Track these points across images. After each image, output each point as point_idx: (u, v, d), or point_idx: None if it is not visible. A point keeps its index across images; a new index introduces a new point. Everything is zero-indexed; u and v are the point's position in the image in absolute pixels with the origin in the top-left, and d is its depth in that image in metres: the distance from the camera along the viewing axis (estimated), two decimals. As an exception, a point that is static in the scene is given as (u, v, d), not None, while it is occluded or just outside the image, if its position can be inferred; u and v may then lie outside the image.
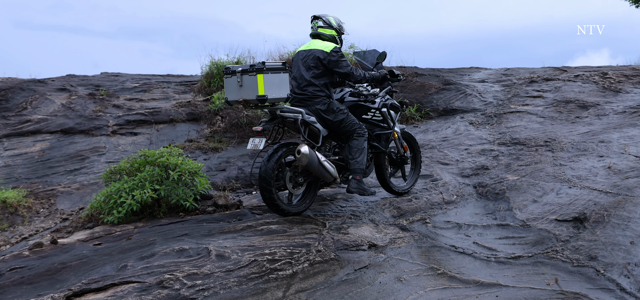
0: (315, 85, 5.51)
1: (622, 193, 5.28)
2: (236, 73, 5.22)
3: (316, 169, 5.30)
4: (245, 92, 5.18)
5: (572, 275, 4.11)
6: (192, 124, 9.75)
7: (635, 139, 6.84)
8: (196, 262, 4.27)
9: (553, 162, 6.50)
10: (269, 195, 5.22)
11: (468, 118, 9.18)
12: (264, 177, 5.18)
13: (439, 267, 4.36)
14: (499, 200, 5.83)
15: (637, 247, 4.31)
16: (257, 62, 5.12)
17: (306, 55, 5.61)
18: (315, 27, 5.79)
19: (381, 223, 5.37)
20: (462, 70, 12.36)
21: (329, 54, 5.49)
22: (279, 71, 5.18)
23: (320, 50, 5.54)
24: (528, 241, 4.78)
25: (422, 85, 10.67)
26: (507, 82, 10.96)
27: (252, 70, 5.09)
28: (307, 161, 5.18)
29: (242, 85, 5.20)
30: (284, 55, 12.63)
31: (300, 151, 5.15)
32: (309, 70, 5.54)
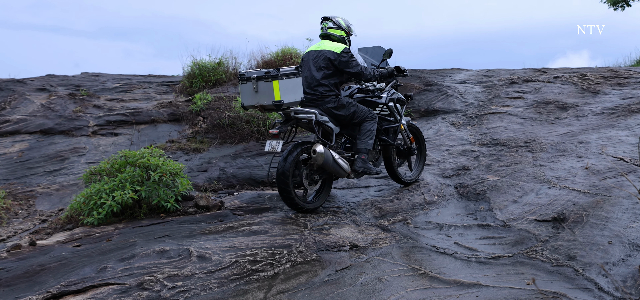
0: (325, 86, 5.73)
1: (601, 193, 5.34)
2: (251, 79, 5.40)
3: (331, 167, 5.55)
4: (262, 97, 5.37)
5: (551, 275, 4.15)
6: (173, 125, 9.69)
7: (613, 139, 6.92)
8: (177, 263, 4.24)
9: (533, 163, 6.56)
10: (287, 193, 5.42)
11: (449, 119, 9.23)
12: (282, 176, 5.37)
13: (420, 268, 4.37)
14: (479, 201, 5.86)
15: (614, 246, 4.35)
16: (272, 69, 5.29)
17: (317, 56, 5.80)
18: (325, 28, 6.03)
19: (363, 224, 5.38)
20: (444, 72, 12.42)
21: (339, 55, 5.72)
22: (292, 76, 5.36)
23: (330, 51, 5.76)
24: (508, 241, 4.81)
25: (403, 86, 10.70)
26: (487, 83, 11.03)
27: (268, 77, 5.26)
28: (322, 160, 5.43)
29: (257, 91, 5.39)
30: (266, 56, 12.61)
31: (316, 151, 5.40)
32: (319, 71, 5.74)
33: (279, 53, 12.51)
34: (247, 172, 7.24)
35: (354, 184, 6.60)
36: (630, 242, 4.36)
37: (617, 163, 6.11)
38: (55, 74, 12.72)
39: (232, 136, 8.85)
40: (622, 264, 4.12)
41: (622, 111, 8.22)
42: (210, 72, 11.62)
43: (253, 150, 8.07)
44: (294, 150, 5.48)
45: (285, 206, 5.85)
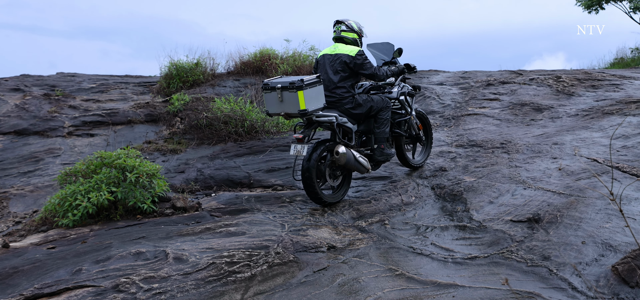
0: (343, 88, 6.06)
1: (575, 194, 5.41)
2: (276, 89, 5.65)
3: (352, 165, 5.97)
4: (287, 106, 5.65)
5: (526, 275, 4.19)
6: (150, 126, 9.62)
7: (587, 141, 7.01)
8: (153, 265, 4.20)
9: (509, 164, 6.62)
10: (312, 189, 5.79)
11: (427, 120, 9.28)
12: (307, 173, 5.74)
13: (397, 268, 4.38)
14: (456, 202, 5.90)
15: (588, 247, 4.41)
16: (297, 79, 5.56)
17: (333, 59, 6.10)
18: (338, 31, 6.30)
19: (340, 225, 5.39)
20: (421, 73, 12.50)
21: (354, 58, 6.00)
22: (315, 84, 5.65)
23: (346, 54, 6.05)
24: (484, 242, 4.85)
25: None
26: (464, 85, 11.12)
27: (293, 88, 5.52)
28: (345, 160, 5.85)
29: (282, 100, 5.65)
30: (244, 57, 12.59)
31: (339, 152, 5.81)
32: (336, 74, 6.05)
33: (258, 54, 12.49)
34: (225, 173, 7.20)
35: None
36: (603, 242, 4.42)
37: (590, 164, 6.19)
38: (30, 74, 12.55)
39: (209, 137, 8.81)
40: (595, 263, 4.17)
41: (595, 113, 8.34)
42: (188, 73, 11.55)
43: (231, 151, 8.04)
44: (317, 149, 5.82)
45: (263, 207, 5.84)
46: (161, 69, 11.97)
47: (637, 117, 7.79)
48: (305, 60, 12.15)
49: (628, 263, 3.97)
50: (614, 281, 3.90)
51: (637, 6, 17.64)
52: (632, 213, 4.83)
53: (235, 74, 12.37)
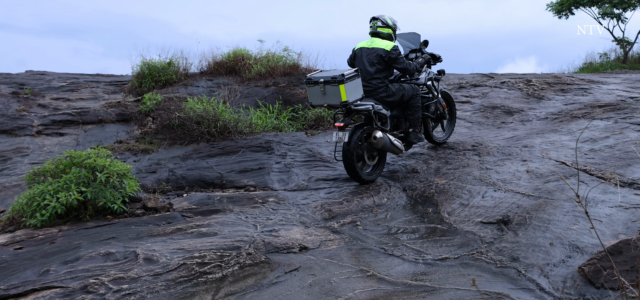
0: (378, 79, 6.73)
1: (543, 196, 5.49)
2: (319, 83, 6.31)
3: (388, 148, 6.69)
4: (330, 98, 6.32)
5: (495, 276, 4.24)
6: (122, 125, 9.51)
7: (556, 144, 7.13)
8: (123, 266, 4.16)
9: (480, 166, 6.70)
10: (352, 168, 6.49)
11: (399, 122, 9.34)
12: (348, 156, 6.42)
13: (368, 269, 4.40)
14: (427, 203, 5.95)
15: (555, 248, 4.49)
16: (338, 73, 6.19)
17: (369, 53, 6.77)
18: (374, 27, 6.93)
19: (312, 225, 5.39)
20: (395, 76, 12.56)
21: (389, 52, 6.67)
22: (354, 78, 6.32)
23: (382, 48, 6.70)
24: (455, 243, 4.90)
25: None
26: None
27: (334, 82, 6.19)
28: (382, 144, 6.56)
29: (325, 93, 6.32)
30: (218, 57, 12.52)
31: (376, 137, 6.53)
32: (372, 66, 6.72)
33: (231, 54, 12.45)
34: (197, 173, 7.16)
35: (305, 186, 6.61)
36: (570, 244, 4.50)
37: (559, 167, 6.29)
38: (-2, 72, 12.32)
39: (182, 137, 8.75)
40: (563, 264, 4.24)
41: (564, 116, 8.48)
42: (161, 72, 11.46)
43: (203, 151, 7.99)
44: (355, 133, 6.47)
45: (235, 207, 5.82)
46: (133, 68, 11.86)
47: (603, 120, 7.94)
48: (279, 61, 12.14)
49: (594, 264, 4.04)
50: (581, 282, 3.97)
51: (606, 12, 17.97)
52: (599, 215, 4.93)
53: (209, 74, 12.30)
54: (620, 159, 6.33)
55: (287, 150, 7.86)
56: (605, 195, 5.37)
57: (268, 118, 9.79)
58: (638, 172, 5.86)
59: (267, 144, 8.11)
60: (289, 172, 7.06)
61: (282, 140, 8.40)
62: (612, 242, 4.30)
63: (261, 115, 9.80)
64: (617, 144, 6.82)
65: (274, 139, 8.38)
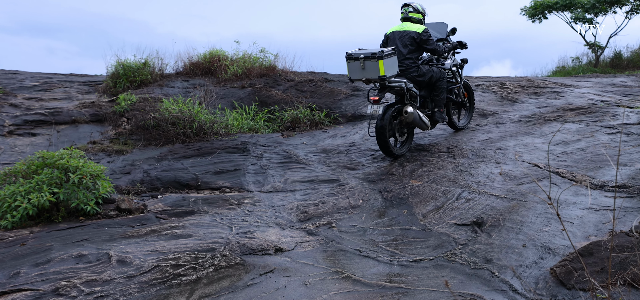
0: (410, 59, 7.41)
1: (516, 198, 5.55)
2: (359, 59, 6.98)
3: (418, 123, 7.45)
4: (368, 73, 6.99)
5: (469, 277, 4.27)
6: (95, 126, 9.40)
7: (529, 147, 7.21)
8: (95, 268, 4.11)
9: (454, 168, 6.74)
10: (384, 143, 7.23)
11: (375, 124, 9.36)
12: (381, 130, 7.15)
13: (343, 271, 4.40)
14: (402, 205, 5.97)
15: (528, 249, 4.53)
16: (377, 50, 6.86)
17: (402, 35, 7.46)
18: (406, 12, 7.68)
19: (288, 227, 5.38)
20: (371, 78, 12.60)
21: (421, 34, 7.37)
22: (391, 55, 7.02)
23: (414, 31, 7.40)
24: (429, 245, 4.92)
25: (331, 91, 10.80)
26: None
27: (374, 58, 6.87)
28: (412, 118, 7.29)
29: (364, 68, 6.99)
30: (193, 57, 12.45)
31: (407, 111, 7.24)
32: (405, 47, 7.40)
33: (207, 55, 12.38)
34: (172, 174, 7.10)
35: (280, 187, 6.59)
36: (542, 245, 4.55)
37: (532, 169, 6.36)
38: (-31, 71, 12.10)
39: (157, 138, 8.67)
40: (535, 266, 4.29)
41: (537, 119, 8.58)
42: (136, 73, 11.34)
43: (179, 152, 7.93)
44: (388, 110, 7.21)
45: (210, 209, 5.78)
46: (108, 68, 11.71)
47: (575, 123, 8.05)
48: (255, 63, 12.11)
49: (565, 265, 4.09)
50: (552, 283, 4.02)
51: (578, 17, 18.24)
52: (570, 217, 4.99)
53: (184, 74, 12.22)
54: (591, 161, 6.42)
55: (263, 152, 7.84)
56: (576, 198, 5.44)
57: (244, 119, 9.75)
58: (608, 174, 5.95)
59: (243, 145, 8.07)
60: (264, 174, 7.04)
61: (258, 141, 8.37)
62: (583, 244, 4.36)
63: (237, 116, 9.76)
64: (589, 147, 6.92)
65: (250, 141, 8.35)
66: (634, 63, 17.63)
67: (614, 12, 18.04)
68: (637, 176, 5.77)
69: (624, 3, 17.68)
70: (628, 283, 3.68)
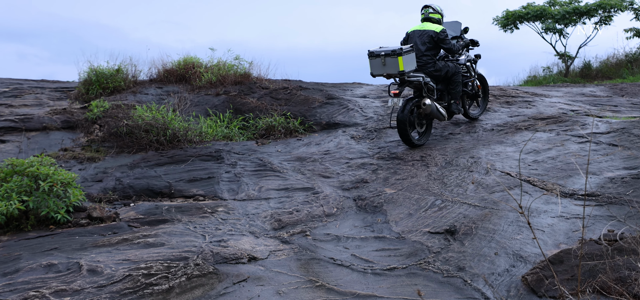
0: (428, 56, 8.17)
1: (489, 206, 5.60)
2: (380, 56, 7.69)
3: (436, 114, 8.15)
4: (389, 68, 7.68)
5: (442, 285, 4.29)
6: (67, 132, 9.26)
7: (501, 155, 7.28)
8: (65, 277, 4.04)
9: (428, 176, 6.78)
10: (405, 133, 7.95)
11: (350, 132, 9.39)
12: (402, 122, 7.88)
13: (317, 280, 4.39)
14: (376, 213, 5.98)
15: (500, 257, 4.57)
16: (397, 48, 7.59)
17: (421, 34, 8.22)
18: (426, 13, 8.45)
19: (262, 235, 5.35)
20: (345, 86, 12.64)
21: (438, 34, 8.12)
22: (410, 52, 7.72)
23: (433, 31, 8.15)
24: (403, 253, 4.94)
25: (306, 98, 10.79)
26: (387, 98, 11.33)
27: (394, 54, 7.57)
28: (430, 110, 7.99)
29: (385, 64, 7.68)
30: (168, 65, 12.34)
31: (426, 103, 7.95)
32: (423, 45, 8.15)
33: (181, 62, 12.29)
34: (145, 182, 7.02)
35: (255, 195, 6.56)
36: (514, 253, 4.60)
37: (504, 177, 6.43)
38: (-64, 76, 11.84)
39: (130, 145, 8.57)
40: (507, 274, 4.33)
41: (509, 128, 8.68)
42: (109, 79, 11.20)
43: (152, 160, 7.85)
44: (408, 103, 7.92)
45: (183, 217, 5.73)
46: (80, 74, 11.53)
47: (546, 132, 8.16)
48: (230, 70, 12.05)
49: (536, 273, 4.13)
50: (524, 291, 4.06)
51: (548, 27, 18.52)
52: (541, 225, 5.05)
53: (158, 81, 12.11)
54: (561, 170, 6.51)
55: (237, 160, 7.80)
56: (547, 206, 5.50)
57: (218, 127, 9.69)
58: (578, 183, 6.04)
59: (217, 153, 8.02)
60: (238, 182, 7.00)
61: (233, 149, 8.33)
62: (554, 252, 4.42)
63: (211, 124, 9.70)
64: (559, 156, 7.01)
65: (224, 148, 8.30)
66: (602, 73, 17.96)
67: (583, 23, 18.40)
68: (606, 185, 5.87)
69: (593, 14, 18.03)
70: (597, 291, 3.73)
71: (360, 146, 8.60)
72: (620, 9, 17.90)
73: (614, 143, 7.35)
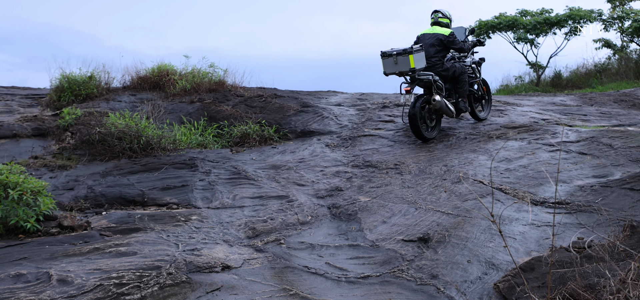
0: (436, 57, 8.80)
1: (462, 214, 5.64)
2: (392, 55, 8.38)
3: (444, 109, 8.81)
4: (401, 66, 8.39)
5: (415, 293, 4.30)
6: (38, 140, 9.11)
7: (474, 163, 7.34)
8: (35, 287, 3.96)
9: (402, 185, 6.81)
10: (416, 128, 8.59)
11: (324, 140, 9.39)
12: (413, 117, 8.51)
13: (291, 288, 4.37)
14: (351, 221, 5.99)
15: (472, 265, 4.60)
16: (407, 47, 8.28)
17: (431, 37, 8.86)
18: (436, 18, 9.14)
19: (236, 244, 5.32)
20: (320, 94, 12.65)
21: (448, 37, 8.83)
22: (420, 51, 8.39)
23: (441, 34, 8.84)
24: (377, 261, 4.94)
25: (281, 106, 10.77)
26: (361, 107, 11.37)
27: (405, 53, 8.28)
28: (439, 106, 8.66)
29: (397, 63, 8.38)
30: (141, 72, 12.23)
31: (435, 99, 8.59)
32: (432, 47, 8.76)
33: (155, 69, 12.18)
34: (118, 190, 6.93)
35: (229, 203, 6.51)
36: (486, 261, 4.63)
37: (476, 186, 6.48)
38: None
39: (102, 153, 8.46)
40: (479, 281, 4.36)
41: (482, 137, 8.76)
42: (81, 86, 11.05)
43: (125, 168, 7.75)
44: (418, 99, 8.56)
45: (156, 226, 5.66)
46: (51, 81, 11.36)
47: (518, 141, 8.26)
48: (204, 77, 11.98)
49: (508, 281, 4.17)
50: (496, 298, 4.09)
51: (520, 37, 18.78)
52: (513, 233, 5.10)
53: (132, 88, 11.98)
54: (533, 178, 6.59)
55: (211, 168, 7.74)
56: (519, 214, 5.56)
57: (193, 135, 9.62)
58: (549, 191, 6.11)
59: (191, 160, 7.96)
60: (213, 190, 6.95)
61: (207, 157, 8.27)
62: (525, 259, 4.46)
63: (186, 131, 9.62)
64: (530, 164, 7.10)
65: (198, 156, 8.24)
66: (572, 82, 18.27)
67: (554, 33, 18.71)
68: (575, 193, 5.95)
69: (563, 25, 18.35)
70: (567, 298, 3.77)
71: (334, 154, 8.60)
72: (589, 20, 18.26)
73: (583, 152, 7.46)
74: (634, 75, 17.42)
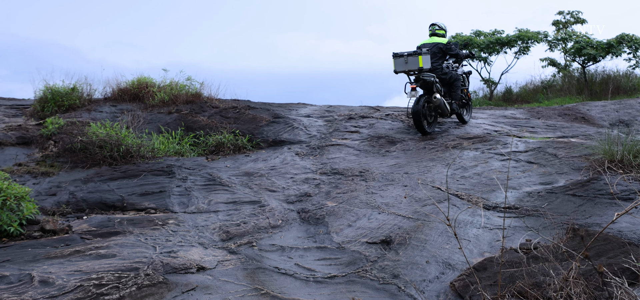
0: (437, 63, 9.65)
1: (421, 218, 5.68)
2: (403, 56, 9.27)
3: (442, 107, 9.65)
4: (410, 65, 9.27)
5: (378, 292, 4.31)
6: (22, 148, 8.90)
7: (433, 170, 7.41)
8: (17, 288, 3.86)
9: (366, 191, 6.83)
10: (420, 123, 9.45)
11: (294, 149, 9.37)
12: (417, 112, 9.36)
13: (262, 288, 4.34)
14: (319, 225, 5.98)
15: (431, 265, 4.63)
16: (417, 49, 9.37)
17: (432, 46, 9.66)
18: (433, 29, 10.03)
19: (210, 246, 5.26)
20: (291, 106, 12.64)
21: (446, 45, 9.72)
22: (427, 54, 9.19)
23: (440, 42, 9.74)
24: (343, 262, 4.94)
25: (254, 117, 10.73)
26: (329, 118, 11.38)
27: (415, 54, 9.18)
28: (439, 103, 9.51)
29: (407, 62, 9.26)
30: (122, 84, 12.07)
31: (436, 97, 9.42)
32: (432, 55, 9.47)
33: (135, 82, 12.03)
34: (98, 196, 6.81)
35: (204, 208, 6.45)
36: (443, 262, 4.67)
37: (434, 192, 6.54)
38: None
39: (84, 161, 8.31)
40: (437, 280, 4.39)
41: (440, 147, 8.84)
42: (64, 97, 10.85)
43: (105, 174, 7.62)
44: (421, 98, 9.40)
45: (135, 229, 5.57)
46: (36, 92, 11.13)
47: (472, 151, 8.37)
48: (182, 90, 11.88)
49: (463, 280, 4.21)
50: (452, 296, 4.12)
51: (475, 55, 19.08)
52: (468, 235, 5.15)
53: (113, 100, 11.81)
54: (486, 185, 6.67)
55: (188, 174, 7.66)
56: (473, 218, 5.63)
57: (170, 143, 9.51)
58: (500, 196, 6.20)
59: (168, 168, 7.86)
60: (189, 195, 6.87)
61: (184, 164, 8.18)
62: (478, 260, 4.51)
63: (164, 140, 9.51)
64: (484, 172, 7.19)
65: (175, 164, 8.14)
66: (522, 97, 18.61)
67: (505, 52, 19.05)
68: (524, 199, 6.05)
69: (513, 45, 18.70)
70: (515, 295, 3.82)
71: (304, 162, 8.59)
72: (536, 40, 18.66)
73: (531, 161, 7.60)
74: (576, 91, 17.84)
